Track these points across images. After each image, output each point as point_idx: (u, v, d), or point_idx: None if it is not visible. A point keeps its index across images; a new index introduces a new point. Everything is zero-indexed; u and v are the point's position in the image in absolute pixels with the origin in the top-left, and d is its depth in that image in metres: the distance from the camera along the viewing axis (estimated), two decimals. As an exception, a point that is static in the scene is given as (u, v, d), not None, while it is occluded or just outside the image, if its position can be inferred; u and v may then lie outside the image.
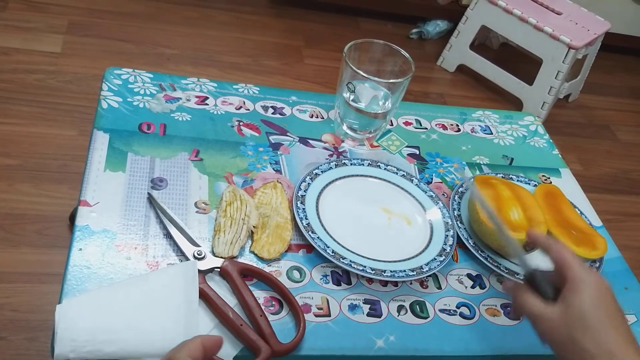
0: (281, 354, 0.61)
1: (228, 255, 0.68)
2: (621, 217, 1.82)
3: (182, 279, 0.63)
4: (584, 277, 0.57)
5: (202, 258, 0.67)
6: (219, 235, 0.70)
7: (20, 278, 1.22)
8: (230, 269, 0.66)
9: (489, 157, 0.95)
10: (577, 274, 0.58)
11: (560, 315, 0.56)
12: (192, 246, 0.68)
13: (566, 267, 0.59)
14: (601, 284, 0.58)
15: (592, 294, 0.56)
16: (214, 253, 0.68)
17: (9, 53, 1.73)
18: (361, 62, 0.85)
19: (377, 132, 0.91)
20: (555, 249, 0.61)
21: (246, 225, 0.71)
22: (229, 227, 0.70)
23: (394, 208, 0.80)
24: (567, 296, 0.57)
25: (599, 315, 0.55)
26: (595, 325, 0.55)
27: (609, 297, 0.57)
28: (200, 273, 0.65)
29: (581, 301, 0.56)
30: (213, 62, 1.93)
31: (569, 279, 0.58)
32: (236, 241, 0.70)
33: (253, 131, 0.87)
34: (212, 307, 0.63)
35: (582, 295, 0.56)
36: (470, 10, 2.11)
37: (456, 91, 2.16)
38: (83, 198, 0.70)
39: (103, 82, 0.87)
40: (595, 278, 0.58)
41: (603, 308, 0.56)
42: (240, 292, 0.64)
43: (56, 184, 1.41)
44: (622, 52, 2.50)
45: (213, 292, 0.63)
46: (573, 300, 0.56)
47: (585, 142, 2.10)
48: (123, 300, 0.61)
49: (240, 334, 0.61)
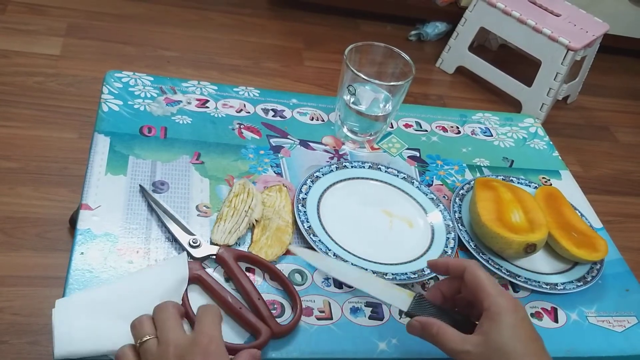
0: (281, 334, 0.62)
1: (224, 243, 0.69)
2: (621, 219, 1.82)
3: (173, 272, 0.63)
4: (501, 304, 0.55)
5: (198, 246, 0.68)
6: (219, 223, 0.71)
7: (21, 281, 1.22)
8: (226, 256, 0.67)
9: (490, 160, 0.95)
10: (494, 299, 0.56)
11: (479, 349, 0.54)
12: (187, 235, 0.69)
13: (482, 291, 0.57)
14: (518, 310, 0.56)
15: (510, 322, 0.54)
16: (211, 240, 0.69)
17: (8, 56, 1.73)
18: (362, 64, 0.85)
19: (378, 135, 0.91)
20: (470, 271, 0.59)
21: (248, 218, 0.72)
22: (231, 216, 0.72)
23: (395, 211, 0.80)
24: (485, 326, 0.55)
25: (518, 345, 0.54)
26: (514, 356, 0.53)
27: (525, 324, 0.56)
28: (197, 260, 0.66)
29: (499, 332, 0.54)
30: (213, 65, 1.93)
31: (485, 307, 0.56)
32: (235, 231, 0.70)
33: (254, 134, 0.87)
34: (211, 292, 0.64)
35: (500, 325, 0.54)
36: (469, 12, 2.11)
37: (455, 93, 2.16)
38: (84, 201, 0.70)
39: (104, 85, 0.87)
40: (511, 304, 0.56)
41: (522, 336, 0.54)
42: (236, 277, 0.65)
43: (57, 187, 1.40)
44: (621, 53, 2.51)
45: (211, 278, 0.64)
46: (490, 330, 0.55)
47: (584, 143, 2.10)
48: (118, 297, 0.61)
49: (239, 317, 0.62)
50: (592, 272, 0.79)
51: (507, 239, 0.74)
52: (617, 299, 0.78)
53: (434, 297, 0.62)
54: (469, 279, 0.58)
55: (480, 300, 0.57)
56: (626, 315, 0.76)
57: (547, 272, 0.78)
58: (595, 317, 0.75)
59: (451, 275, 0.62)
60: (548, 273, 0.78)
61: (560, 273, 0.78)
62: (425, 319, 0.58)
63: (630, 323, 0.75)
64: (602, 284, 0.79)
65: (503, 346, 0.53)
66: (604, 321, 0.75)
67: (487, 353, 0.54)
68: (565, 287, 0.76)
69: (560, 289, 0.75)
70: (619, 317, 0.76)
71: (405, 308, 0.60)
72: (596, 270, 0.79)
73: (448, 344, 0.56)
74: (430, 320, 0.58)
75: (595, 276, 0.78)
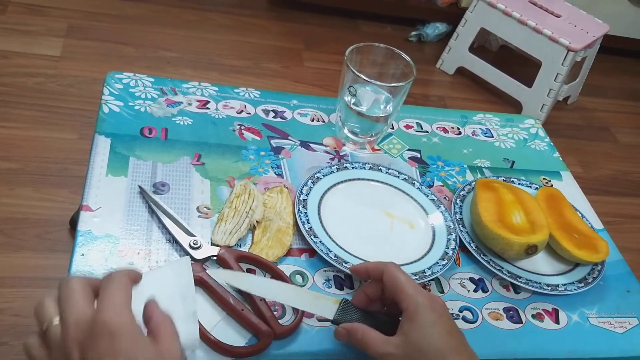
0: (282, 335, 0.62)
1: (225, 244, 0.69)
2: (622, 219, 1.82)
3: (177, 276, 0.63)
4: (418, 302, 0.56)
5: (198, 247, 0.68)
6: (219, 224, 0.71)
7: (21, 282, 1.22)
8: (227, 257, 0.67)
9: (490, 160, 0.95)
10: (412, 299, 0.56)
11: (401, 349, 0.55)
12: (187, 236, 0.68)
13: (400, 292, 0.58)
14: (435, 307, 0.56)
15: (427, 320, 0.55)
16: (212, 241, 0.69)
17: (8, 57, 1.73)
18: (362, 65, 0.85)
19: (379, 136, 0.91)
20: (388, 273, 0.59)
21: (249, 219, 0.72)
22: (232, 217, 0.72)
23: (396, 212, 0.80)
24: (405, 327, 0.56)
25: (437, 342, 0.54)
26: (434, 354, 0.54)
27: (444, 320, 0.56)
28: (198, 262, 0.66)
29: (418, 330, 0.55)
30: (213, 65, 1.93)
31: (404, 307, 0.57)
32: (235, 232, 0.70)
33: (254, 135, 0.87)
34: (212, 294, 0.64)
35: (418, 323, 0.55)
36: (470, 12, 2.11)
37: (456, 93, 2.16)
38: (85, 203, 0.70)
39: (104, 87, 0.87)
40: (428, 302, 0.56)
41: (441, 333, 0.55)
42: None
43: (57, 188, 1.40)
44: (621, 54, 2.51)
45: (212, 280, 0.64)
46: (410, 330, 0.55)
47: (584, 144, 2.10)
48: None
49: (242, 318, 0.62)
50: (593, 273, 0.79)
51: (508, 240, 0.74)
52: (618, 300, 0.78)
53: (359, 301, 0.62)
54: (388, 280, 0.59)
55: (399, 300, 0.58)
56: (627, 316, 0.76)
57: (548, 273, 0.78)
58: (596, 319, 0.75)
59: (372, 278, 0.63)
60: (549, 274, 0.78)
61: (562, 274, 0.78)
62: (350, 325, 0.59)
63: (631, 324, 0.75)
64: (603, 285, 0.79)
65: (422, 344, 0.54)
66: (605, 322, 0.74)
67: (409, 352, 0.55)
68: (566, 288, 0.76)
69: (562, 290, 0.75)
70: (620, 318, 0.75)
71: (331, 316, 0.61)
72: (597, 272, 0.79)
73: (373, 348, 0.57)
74: (355, 326, 0.59)
75: (596, 277, 0.78)
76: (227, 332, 0.62)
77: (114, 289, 0.44)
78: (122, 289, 0.45)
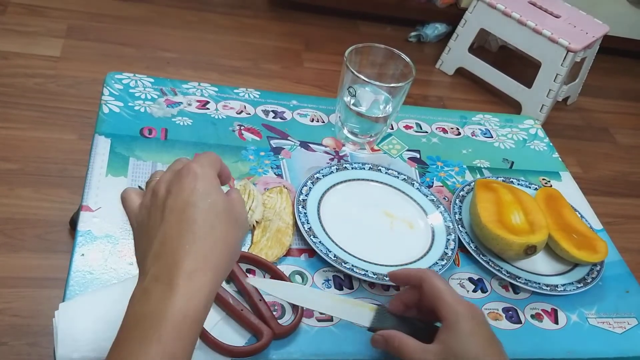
0: (282, 335, 0.62)
1: None
2: (621, 220, 1.82)
3: None
4: (457, 311, 0.56)
5: None
6: None
7: (21, 283, 1.22)
8: None
9: (490, 161, 0.95)
10: (451, 308, 0.57)
11: (439, 357, 0.55)
12: None
13: (439, 300, 0.58)
14: (475, 316, 0.57)
15: (467, 329, 0.55)
16: None
17: (8, 57, 1.73)
18: (362, 66, 0.85)
19: (378, 136, 0.91)
20: (427, 281, 0.60)
21: (248, 219, 0.72)
22: None
23: (395, 212, 0.80)
24: (443, 335, 0.56)
25: (476, 351, 0.54)
26: None
27: (483, 329, 0.57)
28: None
29: (457, 339, 0.55)
30: (213, 66, 1.93)
31: (443, 316, 0.57)
32: None
33: (254, 135, 0.87)
34: None
35: (458, 332, 0.55)
36: (469, 13, 2.11)
37: (455, 94, 2.17)
38: (85, 203, 0.70)
39: (104, 87, 0.87)
40: (468, 311, 0.57)
41: (480, 342, 0.55)
42: (237, 278, 0.65)
43: (56, 188, 1.41)
44: (621, 54, 2.51)
45: None
46: (448, 338, 0.56)
47: (584, 144, 2.10)
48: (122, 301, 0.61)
49: (241, 318, 0.62)
50: (592, 273, 0.79)
51: (507, 240, 0.74)
52: (617, 301, 0.78)
53: (395, 308, 0.63)
54: (427, 288, 0.59)
55: (438, 308, 0.58)
56: (626, 316, 0.76)
57: (548, 273, 0.78)
58: (595, 319, 0.75)
59: (411, 285, 0.63)
60: (548, 274, 0.78)
61: (561, 274, 0.78)
62: (387, 333, 0.59)
63: (630, 324, 0.75)
64: (602, 285, 0.79)
65: (461, 353, 0.54)
66: (604, 322, 0.75)
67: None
68: (565, 288, 0.76)
69: (561, 291, 0.75)
70: (619, 318, 0.76)
71: (368, 324, 0.61)
72: (596, 272, 0.79)
73: (410, 356, 0.57)
74: (391, 334, 0.59)
75: (595, 277, 0.78)
76: (227, 332, 0.62)
77: (208, 156, 0.50)
78: (214, 159, 0.50)
